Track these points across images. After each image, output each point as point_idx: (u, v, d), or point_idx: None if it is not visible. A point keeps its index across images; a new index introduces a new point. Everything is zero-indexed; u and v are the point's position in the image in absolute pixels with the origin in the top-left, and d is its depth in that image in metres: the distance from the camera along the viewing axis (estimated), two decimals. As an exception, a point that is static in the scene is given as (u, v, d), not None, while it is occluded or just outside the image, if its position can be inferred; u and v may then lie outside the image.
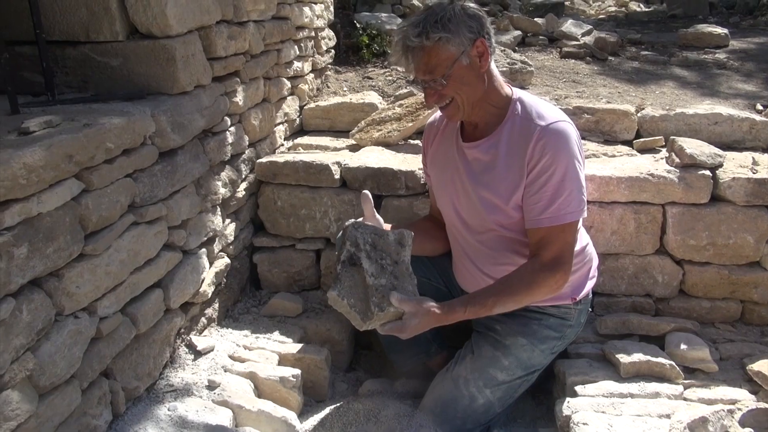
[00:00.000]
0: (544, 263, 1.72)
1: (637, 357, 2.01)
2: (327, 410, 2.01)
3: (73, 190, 1.49)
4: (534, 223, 1.74)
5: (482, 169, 1.83)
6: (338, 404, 2.02)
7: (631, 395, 1.92)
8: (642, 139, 2.58)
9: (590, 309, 2.07)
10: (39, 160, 1.36)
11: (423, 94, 1.85)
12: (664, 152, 2.48)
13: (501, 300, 1.73)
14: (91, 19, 1.89)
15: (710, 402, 1.88)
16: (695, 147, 2.28)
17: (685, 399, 1.91)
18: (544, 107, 1.79)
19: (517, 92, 1.83)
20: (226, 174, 2.28)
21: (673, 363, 2.00)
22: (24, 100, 1.77)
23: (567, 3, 6.38)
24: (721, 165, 2.26)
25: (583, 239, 1.95)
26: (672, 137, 2.41)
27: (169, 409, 1.82)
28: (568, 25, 4.11)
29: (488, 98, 1.78)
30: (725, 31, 3.99)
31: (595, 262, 2.03)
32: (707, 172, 2.23)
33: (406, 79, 3.32)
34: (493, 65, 1.77)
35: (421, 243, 1.94)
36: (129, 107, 1.79)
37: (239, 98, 2.33)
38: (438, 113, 2.03)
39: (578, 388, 1.95)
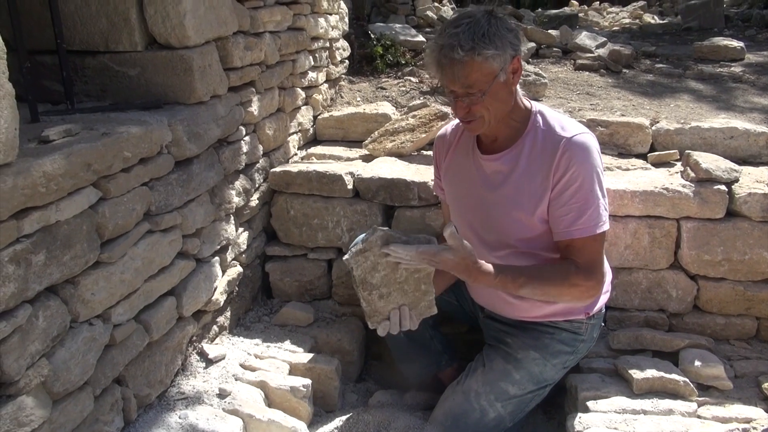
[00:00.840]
0: (579, 266, 1.73)
1: (651, 373, 1.99)
2: (337, 421, 2.01)
3: (90, 199, 1.51)
4: (564, 234, 1.74)
5: (502, 181, 1.82)
6: (348, 415, 2.02)
7: (644, 412, 1.90)
8: (656, 153, 2.57)
9: (603, 323, 2.06)
10: (58, 168, 1.38)
11: (450, 105, 1.82)
12: (678, 166, 2.46)
13: (531, 283, 1.72)
14: (111, 30, 1.92)
15: (725, 420, 1.86)
16: (711, 161, 2.27)
17: (699, 417, 1.88)
18: (566, 120, 1.80)
19: (536, 105, 1.84)
20: (240, 183, 2.30)
21: (687, 380, 1.97)
22: (43, 109, 1.80)
23: (581, 15, 6.39)
24: (737, 180, 2.24)
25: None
26: (687, 151, 2.39)
27: (180, 417, 1.82)
28: (582, 38, 4.10)
29: (512, 112, 1.78)
30: (741, 44, 3.96)
31: (609, 276, 2.02)
32: (723, 187, 2.22)
33: (420, 90, 3.34)
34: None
35: None
36: (146, 116, 1.81)
37: (254, 108, 2.35)
38: (448, 126, 2.03)
39: (590, 404, 1.93)
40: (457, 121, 1.92)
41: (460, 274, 1.70)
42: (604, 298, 1.97)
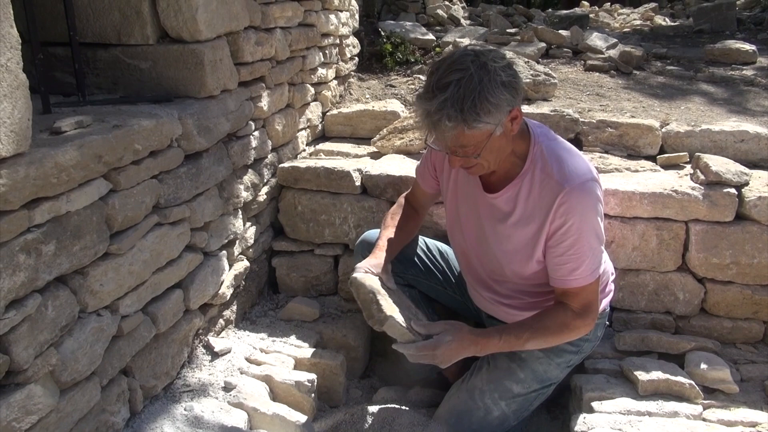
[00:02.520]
0: (575, 310, 1.74)
1: (656, 375, 1.98)
2: (341, 416, 2.01)
3: (101, 190, 1.52)
4: (561, 282, 1.73)
5: (501, 218, 1.78)
6: (352, 411, 2.02)
7: (649, 414, 1.89)
8: (666, 155, 2.56)
9: (607, 323, 2.06)
10: (70, 159, 1.39)
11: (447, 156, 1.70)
12: (688, 169, 2.45)
13: (535, 337, 1.75)
14: (123, 23, 1.93)
15: (730, 424, 1.85)
16: (721, 164, 2.25)
17: (704, 420, 1.88)
18: (565, 159, 1.69)
19: (535, 134, 1.72)
20: (248, 178, 2.31)
21: (693, 382, 1.97)
22: (55, 100, 1.81)
23: (592, 16, 6.36)
24: (747, 183, 2.23)
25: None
26: (697, 154, 2.38)
27: (185, 409, 1.84)
28: (593, 38, 4.09)
29: (512, 151, 1.70)
30: (753, 47, 3.94)
31: (612, 276, 2.01)
32: (732, 190, 2.20)
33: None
34: None
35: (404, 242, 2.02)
36: (157, 110, 1.82)
37: (264, 103, 2.36)
38: None
39: (595, 405, 1.93)
40: None
41: (466, 352, 1.73)
42: (607, 300, 1.97)
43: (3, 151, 1.21)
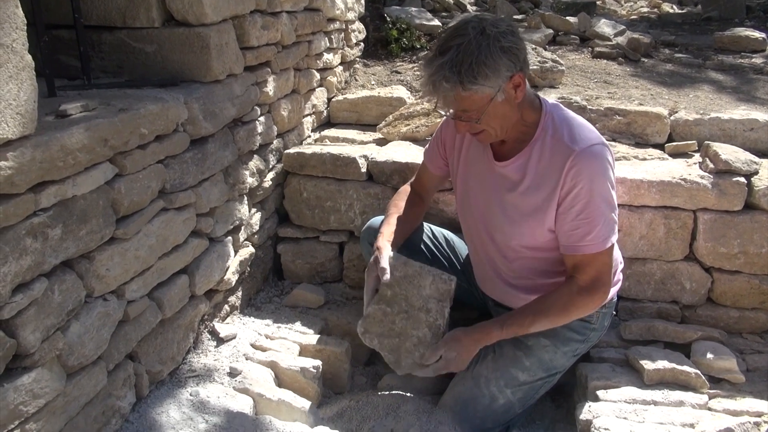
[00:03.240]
0: (582, 286, 1.73)
1: (662, 364, 1.98)
2: (346, 402, 2.01)
3: (107, 174, 1.51)
4: (572, 249, 1.72)
5: (511, 188, 1.78)
6: (358, 397, 2.02)
7: (655, 402, 1.89)
8: (674, 143, 2.54)
9: (614, 312, 2.05)
10: (76, 142, 1.38)
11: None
12: (696, 157, 2.43)
13: (538, 320, 1.76)
14: (129, 5, 1.91)
15: (736, 413, 1.84)
16: (730, 153, 2.23)
17: (709, 409, 1.88)
18: (576, 126, 1.72)
19: (546, 105, 1.76)
20: (254, 163, 2.29)
21: (699, 372, 1.96)
22: (60, 83, 1.79)
23: (598, 3, 6.29)
24: (756, 172, 2.21)
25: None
26: (706, 142, 2.36)
27: (191, 394, 1.84)
28: (601, 25, 4.04)
29: (521, 119, 1.73)
30: (763, 35, 3.89)
31: (621, 266, 2.00)
32: (742, 179, 2.19)
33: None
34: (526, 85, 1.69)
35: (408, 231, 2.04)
36: (162, 94, 1.80)
37: (270, 88, 2.34)
38: None
39: (600, 393, 1.93)
40: None
41: (475, 348, 1.80)
42: (614, 289, 1.96)
43: (9, 134, 1.20)
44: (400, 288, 1.82)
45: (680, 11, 5.88)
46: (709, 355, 2.03)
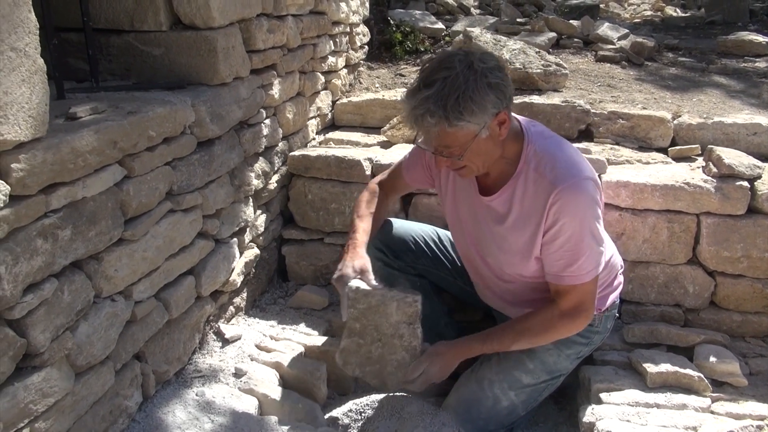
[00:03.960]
0: (564, 311, 1.74)
1: (665, 367, 1.98)
2: (351, 404, 2.02)
3: (116, 176, 1.53)
4: (555, 279, 1.73)
5: (499, 220, 1.78)
6: (362, 398, 2.03)
7: (658, 405, 1.90)
8: (678, 147, 2.55)
9: (617, 315, 2.06)
10: (86, 145, 1.39)
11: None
12: (700, 161, 2.44)
13: (520, 339, 1.79)
14: (137, 9, 1.93)
15: (738, 417, 1.85)
16: (734, 157, 2.24)
17: (712, 412, 1.88)
18: (559, 159, 1.67)
19: (528, 134, 1.70)
20: (259, 166, 2.31)
21: (702, 375, 1.97)
22: (69, 86, 1.81)
23: (602, 6, 6.31)
24: (759, 176, 2.22)
25: (608, 251, 1.92)
26: (710, 146, 2.37)
27: (196, 394, 1.85)
28: (605, 29, 4.05)
29: (503, 154, 1.69)
30: (767, 39, 3.90)
31: (621, 268, 2.01)
32: (745, 183, 2.19)
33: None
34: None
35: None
36: (170, 96, 1.82)
37: (275, 91, 2.36)
38: None
39: (603, 396, 1.94)
40: None
41: (456, 361, 1.83)
42: (616, 293, 1.98)
43: (21, 136, 1.21)
44: (367, 320, 1.81)
45: (684, 15, 5.90)
46: (712, 359, 2.04)
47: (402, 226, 2.17)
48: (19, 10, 1.19)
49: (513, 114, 1.73)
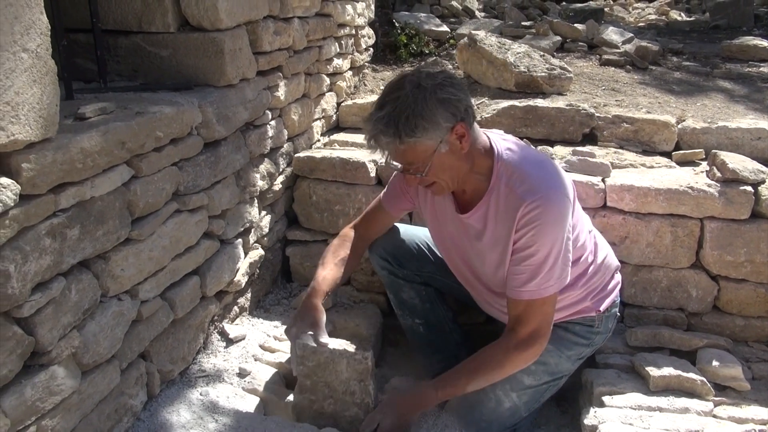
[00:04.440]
0: (519, 340, 1.72)
1: (668, 371, 1.99)
2: (353, 405, 2.03)
3: (123, 176, 1.54)
4: (514, 293, 1.72)
5: (477, 236, 1.79)
6: (365, 399, 2.04)
7: (660, 409, 1.90)
8: (682, 151, 2.55)
9: (618, 314, 2.06)
10: (95, 145, 1.41)
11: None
12: (704, 165, 2.45)
13: (473, 380, 1.76)
14: (145, 10, 1.94)
15: (741, 421, 1.86)
16: (738, 162, 2.25)
17: (715, 416, 1.88)
18: (529, 170, 1.69)
19: (498, 149, 1.72)
20: (264, 167, 2.32)
21: (704, 379, 1.97)
22: (76, 86, 1.82)
23: (606, 10, 6.31)
24: (763, 181, 2.22)
25: (601, 252, 1.93)
26: (714, 151, 2.38)
27: (201, 394, 1.86)
28: (609, 33, 4.06)
29: (473, 168, 1.71)
30: (771, 44, 3.90)
31: (616, 269, 2.02)
32: (749, 188, 2.20)
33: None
34: (475, 127, 1.68)
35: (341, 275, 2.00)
36: (177, 97, 1.83)
37: (281, 93, 2.37)
38: None
39: (606, 399, 1.94)
40: None
41: (412, 412, 1.78)
42: (615, 293, 1.99)
43: (32, 136, 1.23)
44: (317, 376, 1.81)
45: (688, 19, 5.89)
46: (715, 363, 2.04)
47: (407, 231, 2.18)
48: (32, 11, 1.21)
49: (483, 130, 1.76)
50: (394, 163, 1.71)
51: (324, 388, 1.82)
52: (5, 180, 1.19)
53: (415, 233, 2.19)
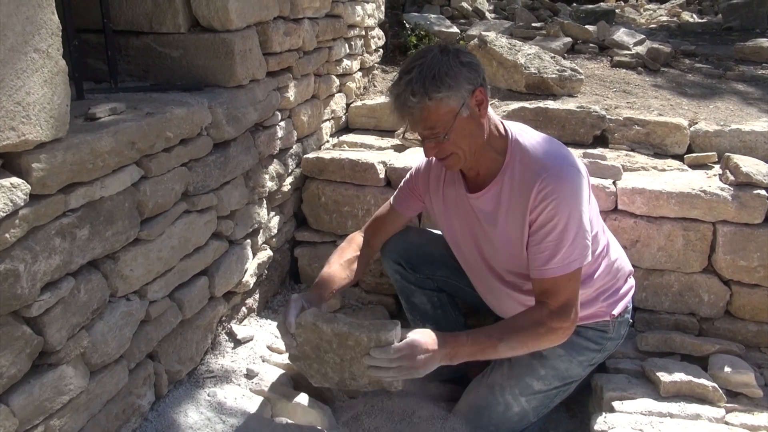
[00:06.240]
0: (552, 310, 1.68)
1: (679, 377, 1.96)
2: (361, 407, 2.02)
3: (133, 176, 1.54)
4: (539, 273, 1.70)
5: (489, 219, 1.78)
6: (372, 402, 2.03)
7: (671, 415, 1.88)
8: (694, 154, 2.53)
9: (630, 321, 2.04)
10: (105, 145, 1.41)
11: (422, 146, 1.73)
12: (716, 169, 2.42)
13: (507, 337, 1.68)
14: (156, 11, 1.95)
15: (753, 428, 1.83)
16: (751, 165, 2.22)
17: (726, 423, 1.86)
18: (543, 149, 1.71)
19: (511, 131, 1.75)
20: (273, 168, 2.32)
21: (716, 385, 1.95)
22: (87, 86, 1.83)
23: (617, 11, 6.27)
24: (777, 185, 2.20)
25: (613, 254, 1.91)
26: (727, 154, 2.35)
27: (208, 395, 1.86)
28: (620, 34, 4.04)
29: (489, 142, 1.71)
30: (785, 46, 3.86)
31: (629, 273, 2.00)
32: (763, 192, 2.17)
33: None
34: (489, 109, 1.72)
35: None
36: (187, 98, 1.83)
37: (291, 94, 2.37)
38: (427, 161, 1.97)
39: (616, 404, 1.92)
40: None
41: (438, 354, 1.61)
42: (628, 297, 1.96)
43: (43, 136, 1.23)
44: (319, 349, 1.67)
45: (700, 21, 5.85)
46: (727, 369, 2.01)
47: (419, 234, 2.18)
48: (43, 12, 1.21)
49: (496, 115, 1.78)
50: (410, 136, 1.70)
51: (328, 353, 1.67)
52: (16, 180, 1.19)
53: (428, 236, 2.18)
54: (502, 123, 1.78)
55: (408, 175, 2.06)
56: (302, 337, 1.68)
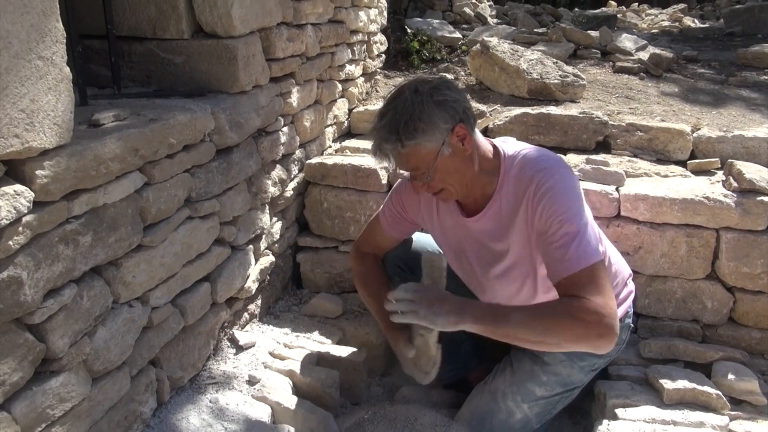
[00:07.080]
0: (578, 296, 1.52)
1: (682, 384, 1.96)
2: (363, 413, 2.02)
3: (136, 183, 1.54)
4: (563, 270, 1.55)
5: (492, 237, 1.76)
6: (374, 408, 2.03)
7: (674, 423, 1.87)
8: (697, 161, 2.52)
9: (632, 325, 2.03)
10: (109, 152, 1.41)
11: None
12: (719, 175, 2.42)
13: (522, 310, 1.60)
14: (159, 17, 1.95)
15: (757, 436, 1.82)
16: (755, 172, 2.22)
17: (730, 431, 1.85)
18: (533, 155, 1.70)
19: (501, 147, 1.72)
20: (276, 173, 2.32)
21: (720, 393, 1.94)
22: (90, 92, 1.83)
23: (619, 16, 6.28)
24: (781, 192, 2.19)
25: (611, 258, 1.89)
26: (730, 160, 2.34)
27: (210, 401, 1.86)
28: (622, 40, 4.04)
29: (481, 171, 1.69)
30: (788, 52, 3.86)
31: (628, 277, 1.98)
32: (766, 199, 2.17)
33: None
34: (477, 134, 1.68)
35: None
36: (190, 104, 1.83)
37: (293, 99, 2.37)
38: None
39: (619, 411, 1.91)
40: None
41: (448, 302, 1.60)
42: (628, 302, 1.95)
43: (47, 143, 1.23)
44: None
45: (702, 26, 5.85)
46: (731, 376, 2.01)
47: (419, 240, 2.17)
48: (48, 19, 1.21)
49: (486, 138, 1.76)
50: (402, 171, 1.71)
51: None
52: (19, 187, 1.19)
53: (428, 240, 2.17)
54: (491, 143, 1.75)
55: (389, 200, 1.99)
56: None
